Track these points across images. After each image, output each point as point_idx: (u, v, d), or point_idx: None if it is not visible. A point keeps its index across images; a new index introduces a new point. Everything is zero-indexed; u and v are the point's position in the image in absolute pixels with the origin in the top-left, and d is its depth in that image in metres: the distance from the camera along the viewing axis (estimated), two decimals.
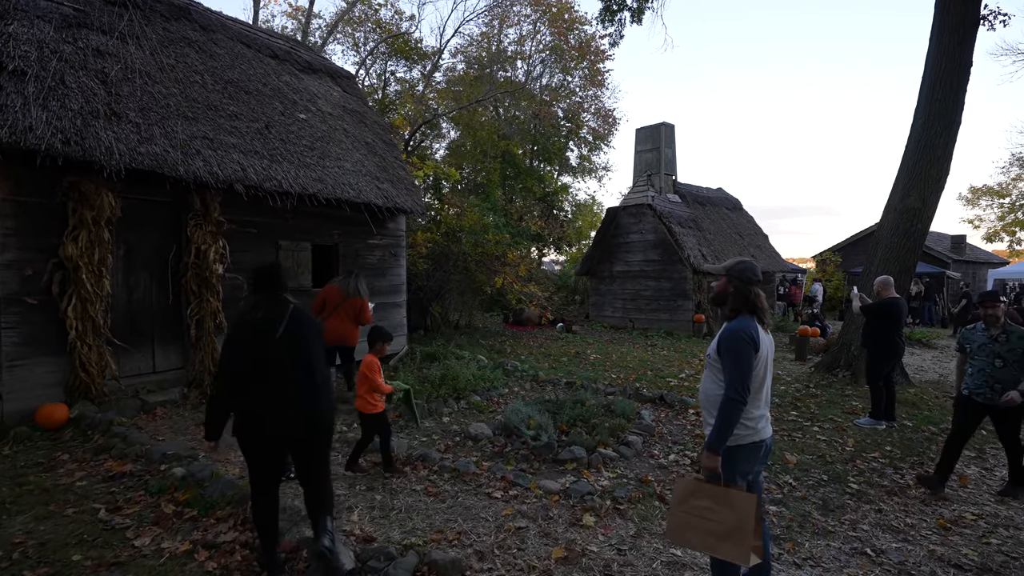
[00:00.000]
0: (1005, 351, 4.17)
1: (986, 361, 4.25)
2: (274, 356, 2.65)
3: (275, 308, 2.74)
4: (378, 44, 25.99)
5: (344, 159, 7.54)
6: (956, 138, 7.65)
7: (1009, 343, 4.17)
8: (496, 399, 6.65)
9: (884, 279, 6.38)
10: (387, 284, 8.39)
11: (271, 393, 2.63)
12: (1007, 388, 4.06)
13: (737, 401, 2.42)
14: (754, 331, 2.52)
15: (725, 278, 2.63)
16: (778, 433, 5.76)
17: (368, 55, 26.35)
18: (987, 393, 4.22)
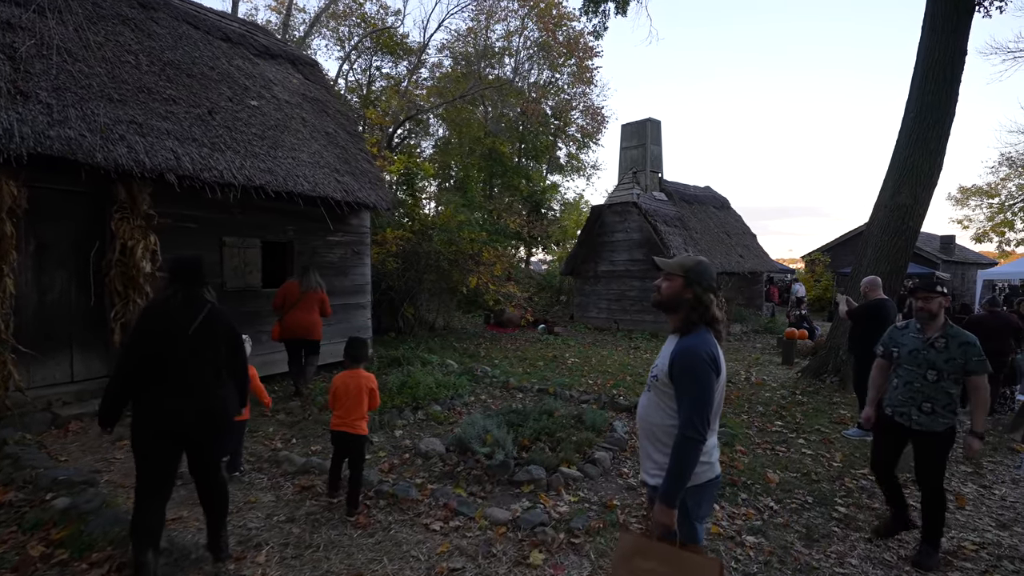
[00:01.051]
0: (942, 360, 3.14)
1: (915, 372, 3.23)
2: (181, 350, 2.62)
3: (190, 302, 2.71)
4: (362, 39, 25.43)
5: (300, 149, 7.01)
6: (949, 132, 7.25)
7: (948, 351, 3.14)
8: (459, 409, 6.15)
9: (871, 280, 5.96)
10: (349, 284, 7.87)
11: (172, 387, 2.61)
12: (938, 410, 3.15)
13: (697, 441, 1.95)
14: (715, 350, 2.05)
15: (681, 279, 2.14)
16: (761, 447, 5.32)
17: (352, 49, 25.79)
18: (912, 414, 3.21)
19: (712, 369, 1.99)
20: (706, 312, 2.12)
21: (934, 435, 3.18)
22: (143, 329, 2.64)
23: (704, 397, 1.96)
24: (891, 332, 3.51)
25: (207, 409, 2.67)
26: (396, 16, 27.19)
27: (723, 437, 5.34)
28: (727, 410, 6.55)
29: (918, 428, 3.21)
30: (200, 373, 2.67)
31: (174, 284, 2.75)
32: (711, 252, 15.02)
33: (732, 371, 8.96)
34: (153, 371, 2.58)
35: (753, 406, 6.80)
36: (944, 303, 3.20)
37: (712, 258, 14.79)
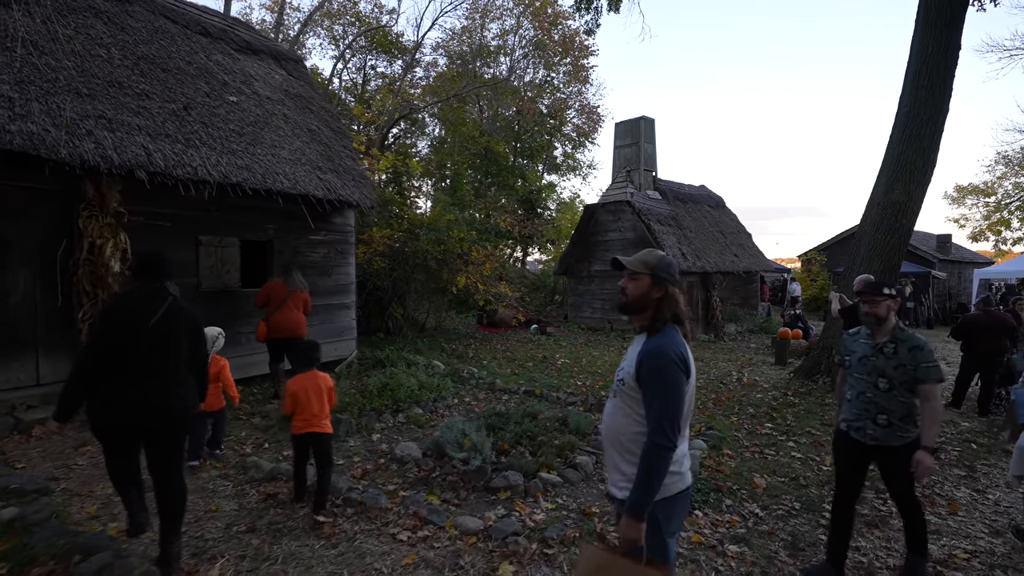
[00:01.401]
0: (891, 367, 2.81)
1: (866, 381, 2.90)
2: (142, 343, 2.66)
3: (152, 297, 2.74)
4: (356, 37, 25.29)
5: (280, 146, 6.85)
6: (943, 127, 7.12)
7: (897, 356, 2.81)
8: (441, 411, 6.00)
9: (864, 279, 5.80)
10: (333, 284, 7.71)
11: (132, 379, 2.64)
12: (895, 422, 2.80)
13: (667, 448, 1.80)
14: (684, 349, 1.91)
15: (648, 277, 1.99)
16: (749, 450, 5.17)
17: (347, 48, 25.65)
18: (867, 428, 2.88)
19: (682, 370, 1.85)
20: (675, 309, 1.99)
21: (892, 451, 2.83)
22: (105, 321, 2.69)
23: (674, 401, 1.83)
24: (844, 338, 3.20)
25: (166, 402, 2.69)
26: (391, 15, 27.10)
27: (711, 440, 5.20)
28: (716, 412, 6.42)
29: (874, 443, 2.87)
30: (160, 366, 2.70)
31: (137, 279, 2.83)
32: (705, 251, 14.90)
33: (724, 372, 8.82)
34: (114, 363, 2.62)
35: (744, 408, 6.66)
36: (893, 305, 2.88)
37: (707, 257, 14.66)
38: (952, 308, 19.72)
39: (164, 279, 2.82)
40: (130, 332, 2.64)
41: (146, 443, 2.73)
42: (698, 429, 5.61)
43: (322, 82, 23.77)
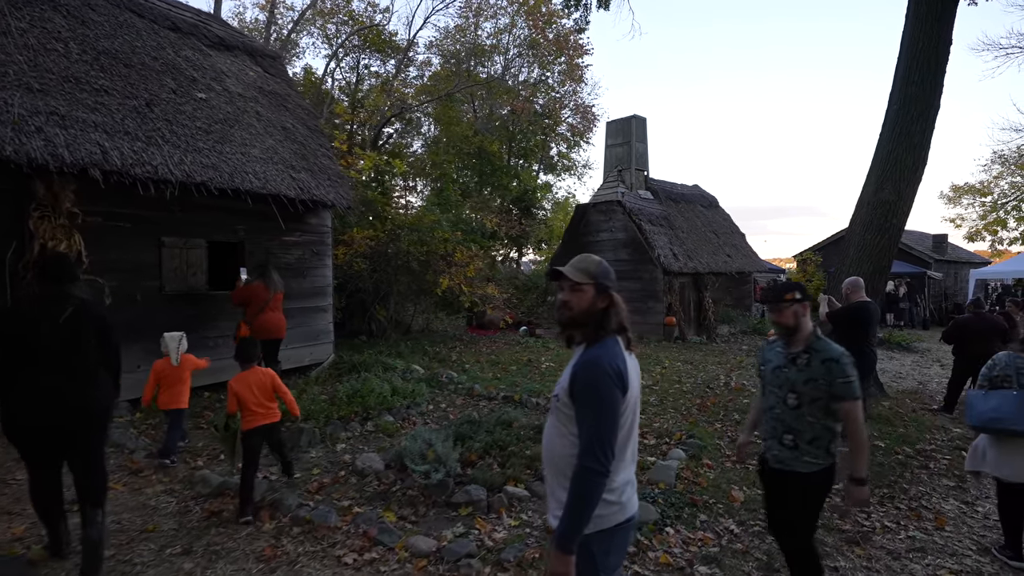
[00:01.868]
0: (801, 381, 2.44)
1: (777, 396, 2.55)
2: (46, 345, 2.69)
3: (58, 298, 2.77)
4: (349, 36, 25.09)
5: (251, 145, 6.64)
6: (934, 125, 6.93)
7: (809, 369, 2.43)
8: (414, 419, 5.79)
9: (853, 280, 5.62)
10: (308, 286, 7.50)
11: (43, 380, 2.67)
12: (801, 445, 2.44)
13: (598, 473, 1.60)
14: (621, 363, 1.70)
15: (592, 287, 1.79)
16: (730, 460, 4.97)
17: (339, 47, 25.44)
18: (773, 448, 2.55)
19: (617, 385, 1.65)
20: (619, 318, 1.79)
21: (796, 477, 2.45)
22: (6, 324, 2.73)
23: (607, 419, 1.63)
24: (761, 346, 2.84)
25: (83, 402, 2.76)
26: (384, 14, 26.83)
27: (690, 449, 5.00)
28: (700, 419, 6.21)
29: (778, 466, 2.51)
30: (70, 366, 2.75)
31: (42, 281, 2.85)
32: (698, 252, 14.70)
33: (712, 375, 8.62)
34: (22, 365, 2.66)
35: (729, 414, 6.46)
36: (801, 311, 2.50)
37: (699, 258, 14.47)
38: (948, 309, 19.57)
39: (67, 282, 2.85)
40: (32, 336, 2.67)
41: (63, 442, 2.77)
42: (679, 437, 5.42)
43: (315, 81, 23.61)
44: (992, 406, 3.18)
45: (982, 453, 3.38)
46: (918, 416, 6.66)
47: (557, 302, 1.86)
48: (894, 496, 4.34)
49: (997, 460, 3.27)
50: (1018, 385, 3.18)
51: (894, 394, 7.70)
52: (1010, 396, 3.15)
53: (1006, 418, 3.10)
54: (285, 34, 24.42)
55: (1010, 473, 3.21)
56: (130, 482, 3.77)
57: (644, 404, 6.79)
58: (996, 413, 3.14)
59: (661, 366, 9.39)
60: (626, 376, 1.68)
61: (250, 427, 3.63)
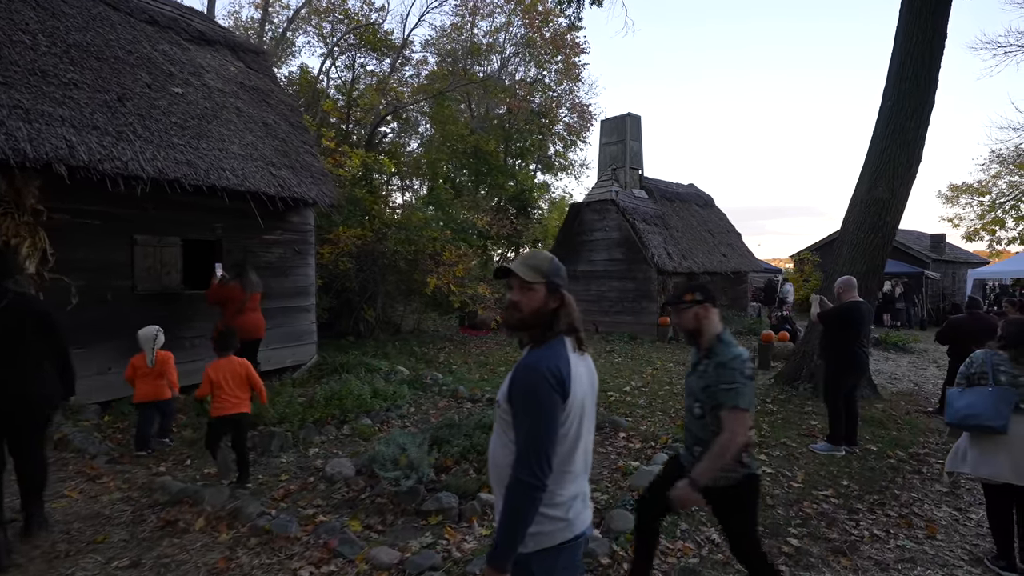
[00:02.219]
0: (700, 388, 2.33)
1: (687, 404, 2.48)
2: None
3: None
4: (344, 35, 24.97)
5: (230, 141, 6.49)
6: (929, 121, 6.78)
7: (707, 375, 2.30)
8: (393, 422, 5.64)
9: (845, 280, 5.47)
10: (290, 286, 7.34)
11: None
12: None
13: (532, 487, 1.45)
14: (564, 366, 1.55)
15: (543, 286, 1.64)
16: None
17: (335, 46, 25.30)
18: (685, 460, 2.49)
19: (557, 391, 1.50)
20: (571, 318, 1.65)
21: (709, 491, 2.27)
22: None
23: (544, 428, 1.48)
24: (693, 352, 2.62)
25: (23, 391, 2.89)
26: (380, 12, 26.64)
27: (675, 453, 4.84)
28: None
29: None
30: (10, 357, 2.86)
31: None
32: (692, 251, 14.55)
33: None
34: None
35: None
36: (703, 313, 2.35)
37: (693, 257, 14.32)
38: (946, 309, 19.38)
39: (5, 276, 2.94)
40: None
41: (6, 433, 2.92)
42: (665, 441, 5.27)
43: (311, 80, 23.47)
44: (967, 403, 3.15)
45: (963, 453, 3.31)
46: (912, 419, 6.52)
47: (506, 302, 1.72)
48: (884, 503, 4.20)
49: (976, 459, 3.20)
50: (993, 381, 3.14)
51: (888, 396, 7.55)
52: (985, 392, 3.11)
53: (981, 414, 3.06)
54: (280, 32, 24.25)
55: (989, 472, 3.14)
56: (86, 489, 3.61)
57: (632, 407, 6.64)
58: (971, 410, 3.11)
59: (652, 367, 9.24)
60: (568, 381, 1.53)
61: (218, 414, 3.83)
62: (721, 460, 2.18)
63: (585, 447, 1.65)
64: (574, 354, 1.62)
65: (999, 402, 3.04)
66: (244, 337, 5.78)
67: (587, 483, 1.71)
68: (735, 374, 2.20)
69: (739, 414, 2.18)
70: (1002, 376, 3.13)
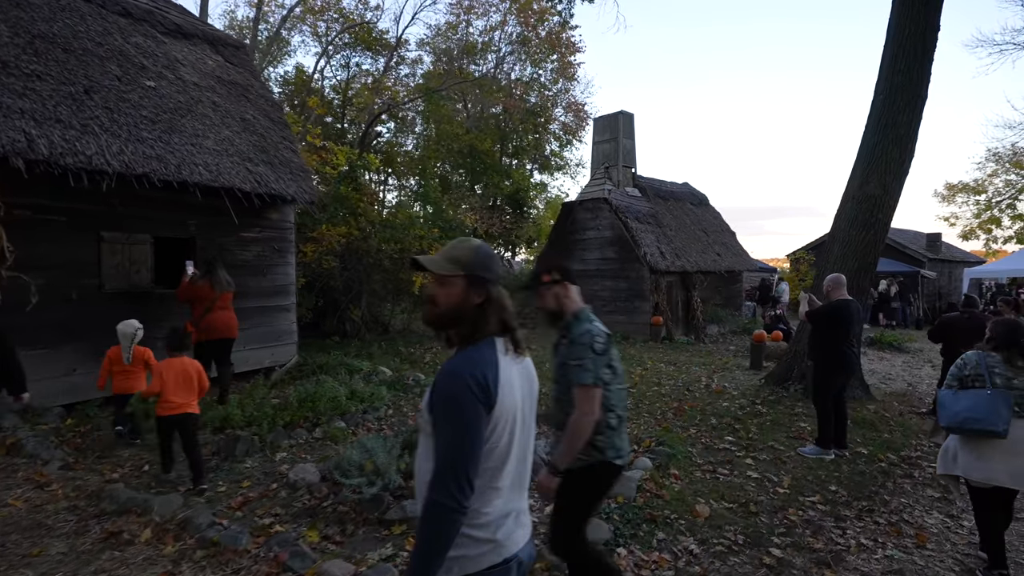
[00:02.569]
0: (556, 368, 2.29)
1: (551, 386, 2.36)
2: None
3: None
4: (339, 34, 24.82)
5: (205, 136, 6.31)
6: (921, 115, 6.62)
7: (561, 353, 2.27)
8: (369, 424, 5.46)
9: (834, 278, 5.30)
10: (268, 285, 7.16)
11: None
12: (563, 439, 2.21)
13: (448, 508, 1.28)
14: (491, 371, 1.37)
15: (462, 279, 1.46)
16: (702, 469, 4.65)
17: (328, 44, 25.14)
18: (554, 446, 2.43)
19: (480, 400, 1.32)
20: (502, 316, 1.47)
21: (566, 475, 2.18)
22: None
23: (464, 442, 1.30)
24: None
25: None
26: (375, 11, 26.47)
27: (658, 458, 4.67)
28: (675, 423, 5.90)
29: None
30: None
31: None
32: (686, 250, 14.39)
33: (694, 377, 8.30)
34: None
35: (706, 418, 6.14)
36: (563, 292, 2.26)
37: (687, 256, 14.16)
38: (942, 308, 19.25)
39: None
40: None
41: None
42: (648, 444, 5.09)
43: (306, 80, 23.26)
44: (966, 406, 3.04)
45: (953, 455, 3.21)
46: (905, 420, 6.36)
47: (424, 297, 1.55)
48: (873, 509, 4.03)
49: (968, 462, 3.10)
50: (991, 384, 3.03)
51: (881, 396, 7.39)
52: (984, 395, 3.01)
53: (982, 418, 2.96)
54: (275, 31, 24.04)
55: (981, 476, 3.04)
56: (32, 497, 3.43)
57: None
58: (971, 413, 3.00)
59: (643, 367, 9.07)
60: (494, 388, 1.35)
61: (164, 414, 3.79)
62: (576, 441, 2.11)
63: (519, 459, 1.48)
64: (506, 357, 1.44)
65: (999, 405, 2.93)
66: (215, 336, 5.64)
67: (524, 499, 1.54)
68: (584, 350, 2.13)
69: (587, 391, 2.11)
70: (996, 378, 3.03)
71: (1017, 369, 3.03)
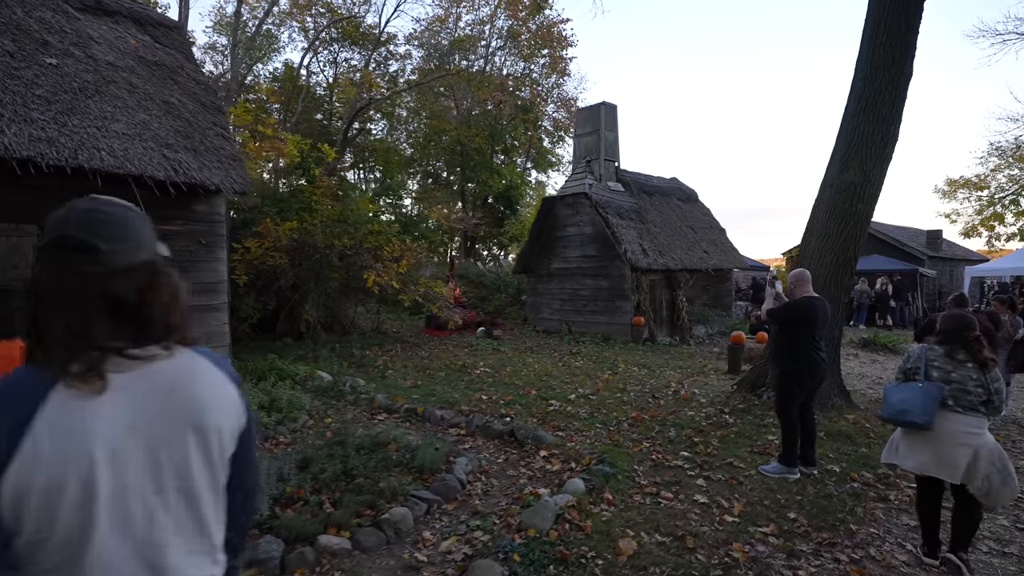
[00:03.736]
0: None
1: None
2: None
3: None
4: (325, 28, 24.33)
5: (115, 119, 5.74)
6: (905, 94, 6.00)
7: None
8: (279, 439, 4.88)
9: (797, 273, 4.70)
10: (193, 282, 6.58)
11: None
12: None
13: None
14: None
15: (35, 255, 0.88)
16: (643, 492, 4.05)
17: (315, 39, 24.66)
18: None
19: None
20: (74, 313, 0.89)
21: None
22: None
23: None
24: None
25: None
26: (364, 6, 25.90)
27: (593, 480, 4.08)
28: (629, 435, 5.30)
29: None
30: None
31: None
32: (671, 247, 13.77)
33: (664, 383, 7.69)
34: None
35: (665, 429, 5.55)
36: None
37: (671, 253, 13.54)
38: (942, 307, 18.60)
39: None
40: None
41: None
42: (587, 463, 4.49)
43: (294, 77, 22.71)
44: (900, 398, 3.16)
45: (896, 445, 3.35)
46: (888, 431, 5.72)
47: None
48: (836, 542, 3.43)
49: (905, 452, 3.26)
50: (925, 377, 3.12)
51: (865, 404, 6.77)
52: (916, 388, 3.11)
53: (911, 410, 3.06)
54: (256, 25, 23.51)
55: (913, 465, 3.19)
56: None
57: (570, 418, 5.88)
58: (903, 405, 3.11)
59: (612, 371, 8.47)
60: (19, 436, 0.77)
61: None
62: None
63: (107, 544, 0.88)
64: (68, 391, 0.85)
65: (926, 398, 3.02)
66: None
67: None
68: None
69: None
70: (934, 372, 3.10)
71: (957, 363, 3.05)
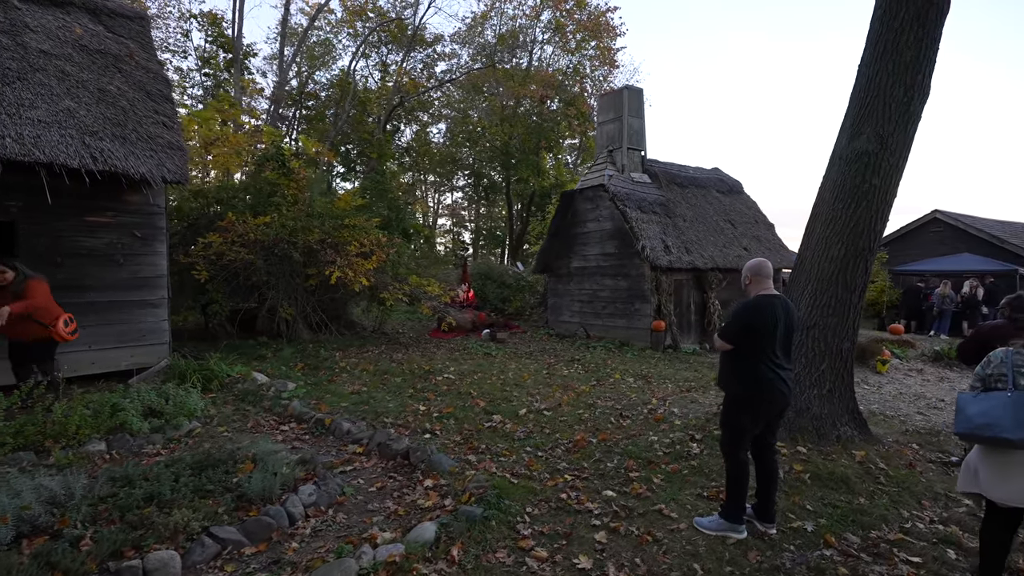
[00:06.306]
0: None
1: None
2: None
3: None
4: (372, 31, 24.73)
5: (34, 106, 5.54)
6: (938, 34, 4.57)
7: None
8: (150, 449, 4.35)
9: (755, 264, 3.57)
10: (127, 277, 6.30)
11: None
12: None
13: None
14: None
15: None
16: (505, 550, 3.11)
17: (362, 42, 25.10)
18: None
19: None
20: None
21: None
22: None
23: None
24: None
25: None
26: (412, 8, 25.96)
27: (455, 525, 3.18)
28: (553, 465, 4.33)
29: None
30: None
31: None
32: (701, 244, 12.31)
33: (644, 399, 6.55)
34: None
35: (607, 458, 4.52)
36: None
37: (701, 251, 12.09)
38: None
39: None
40: None
41: None
42: (466, 499, 3.58)
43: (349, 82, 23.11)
44: (981, 410, 2.60)
45: (974, 470, 2.76)
46: (911, 474, 4.37)
47: None
48: None
49: (989, 478, 2.66)
50: (1013, 385, 2.58)
51: (896, 435, 5.33)
52: (1003, 398, 2.58)
53: (996, 424, 2.52)
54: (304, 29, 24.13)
55: (1004, 495, 2.59)
56: None
57: (502, 438, 4.97)
58: (986, 419, 2.57)
59: (592, 383, 7.38)
60: None
61: None
62: None
63: None
64: None
65: (1018, 410, 2.47)
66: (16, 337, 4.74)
67: None
68: None
69: None
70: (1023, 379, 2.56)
71: None
